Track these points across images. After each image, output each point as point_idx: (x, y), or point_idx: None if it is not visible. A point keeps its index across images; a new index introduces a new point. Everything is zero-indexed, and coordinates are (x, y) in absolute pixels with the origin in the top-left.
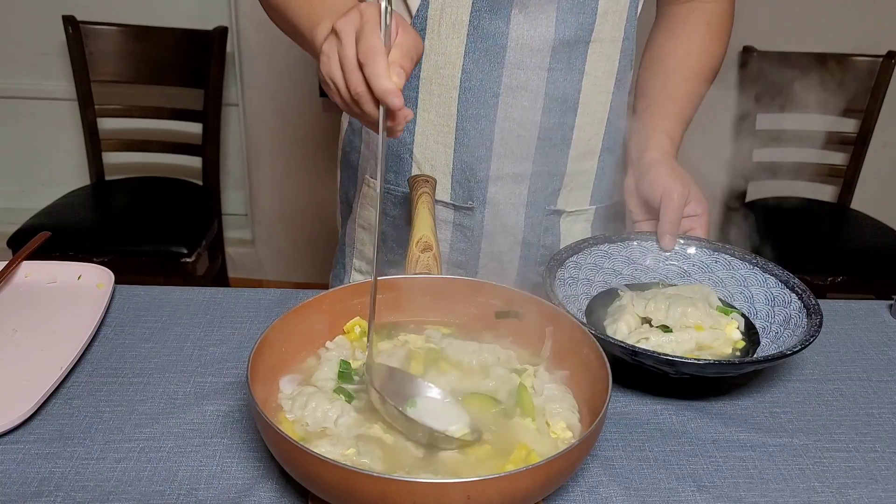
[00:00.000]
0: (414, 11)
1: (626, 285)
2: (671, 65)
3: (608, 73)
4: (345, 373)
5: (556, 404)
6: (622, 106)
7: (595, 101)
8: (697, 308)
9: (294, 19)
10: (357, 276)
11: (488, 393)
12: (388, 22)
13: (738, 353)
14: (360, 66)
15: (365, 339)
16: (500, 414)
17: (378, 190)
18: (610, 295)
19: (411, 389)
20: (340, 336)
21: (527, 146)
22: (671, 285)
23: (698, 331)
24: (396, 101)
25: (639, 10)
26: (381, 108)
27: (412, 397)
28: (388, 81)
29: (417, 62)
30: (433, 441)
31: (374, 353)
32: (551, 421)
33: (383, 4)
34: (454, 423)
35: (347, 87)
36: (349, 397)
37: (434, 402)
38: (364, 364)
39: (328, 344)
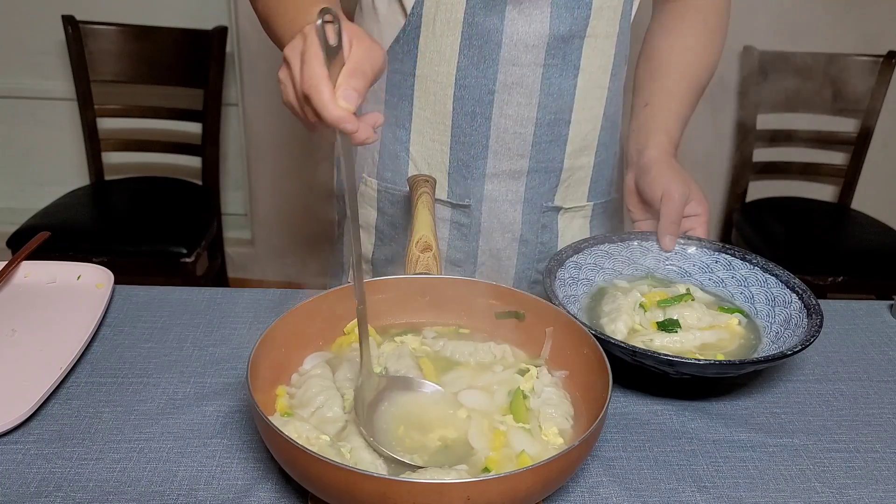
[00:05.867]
0: (409, 10)
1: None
2: (669, 63)
3: (603, 68)
4: None
5: (551, 409)
6: (618, 101)
7: (591, 96)
8: (694, 309)
9: (278, 33)
10: None
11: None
12: (333, 42)
13: (742, 342)
14: (307, 99)
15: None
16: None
17: (352, 203)
18: (610, 295)
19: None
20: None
21: (523, 143)
22: (664, 280)
23: (703, 331)
24: (349, 126)
25: (634, 6)
26: (339, 134)
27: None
28: (336, 110)
29: (378, 73)
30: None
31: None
32: (544, 425)
33: (319, 23)
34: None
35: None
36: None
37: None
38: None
39: (353, 345)
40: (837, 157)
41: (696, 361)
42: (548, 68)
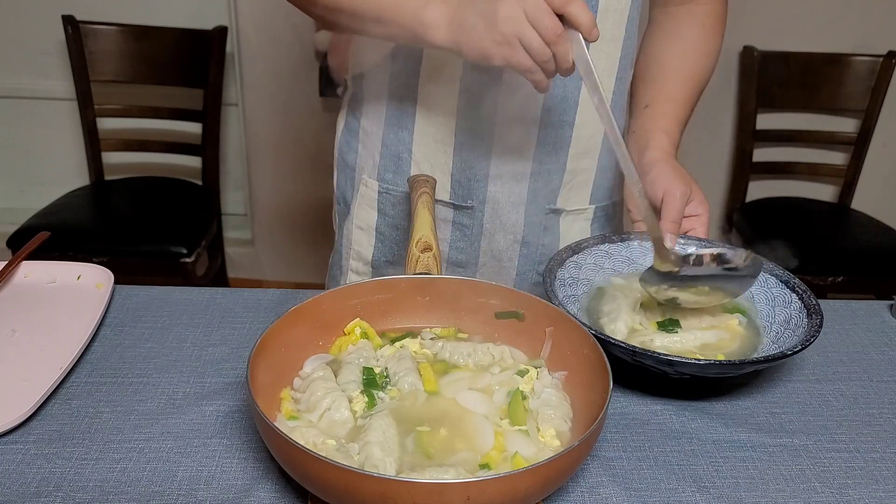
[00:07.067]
0: None
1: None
2: (667, 66)
3: (608, 71)
4: (370, 379)
5: (550, 410)
6: (622, 105)
7: None
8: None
9: (377, 6)
10: (354, 278)
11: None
12: None
13: (742, 342)
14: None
15: (368, 340)
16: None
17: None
18: (609, 295)
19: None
20: (364, 340)
21: (526, 145)
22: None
23: (703, 331)
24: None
25: (640, 10)
26: (580, 37)
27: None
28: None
29: None
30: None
31: None
32: (542, 426)
33: None
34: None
35: (542, 36)
36: (372, 403)
37: None
38: (385, 370)
39: (350, 347)
40: (837, 157)
41: (696, 361)
42: None
